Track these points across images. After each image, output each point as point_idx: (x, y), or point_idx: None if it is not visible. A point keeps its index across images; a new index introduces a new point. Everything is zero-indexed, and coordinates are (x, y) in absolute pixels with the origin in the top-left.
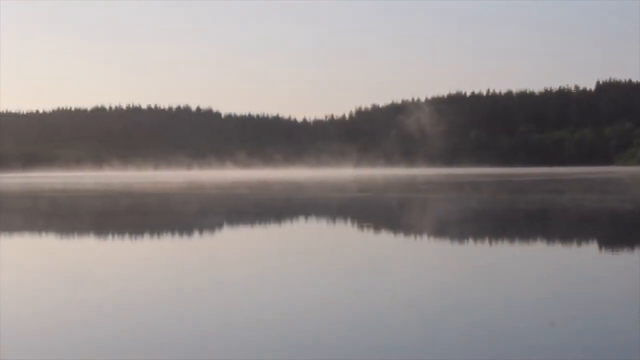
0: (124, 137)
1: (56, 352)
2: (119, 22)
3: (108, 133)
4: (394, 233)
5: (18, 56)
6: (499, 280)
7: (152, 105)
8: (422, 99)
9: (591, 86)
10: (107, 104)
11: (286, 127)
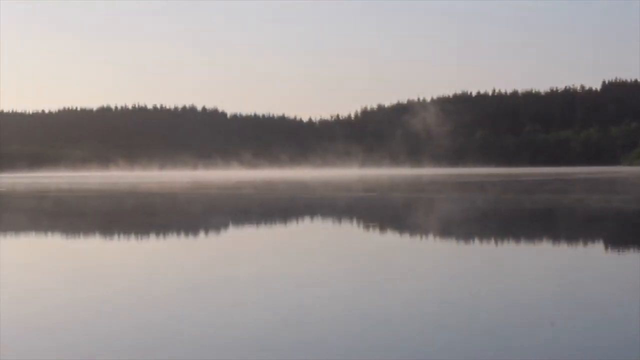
0: (130, 137)
1: (61, 352)
2: (125, 22)
3: (114, 133)
4: (399, 233)
5: (24, 56)
6: (501, 279)
7: (158, 105)
8: (428, 99)
9: (597, 86)
10: (113, 104)
11: (292, 127)
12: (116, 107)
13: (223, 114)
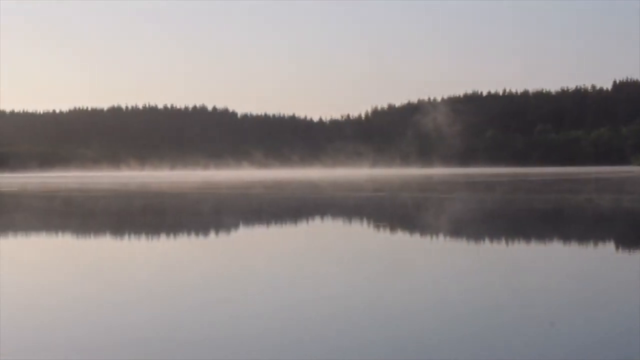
0: (141, 137)
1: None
2: (135, 22)
3: (124, 133)
4: (407, 232)
5: (35, 56)
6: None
7: (168, 105)
8: (438, 99)
9: (608, 85)
10: (124, 104)
11: (302, 127)
12: (127, 107)
13: (233, 114)
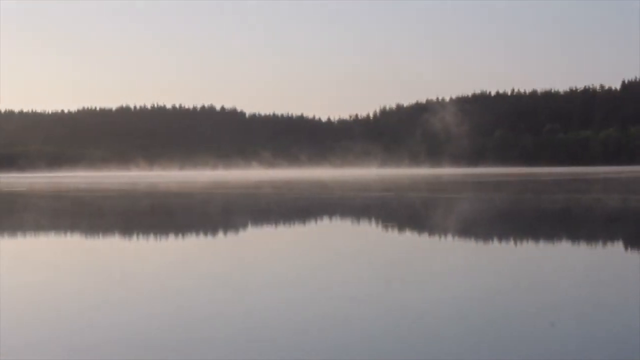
0: (149, 137)
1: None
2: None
3: (133, 133)
4: (414, 232)
5: (43, 56)
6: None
7: (177, 105)
8: (447, 99)
9: (616, 85)
10: (132, 104)
11: (311, 127)
12: (135, 107)
13: (242, 114)
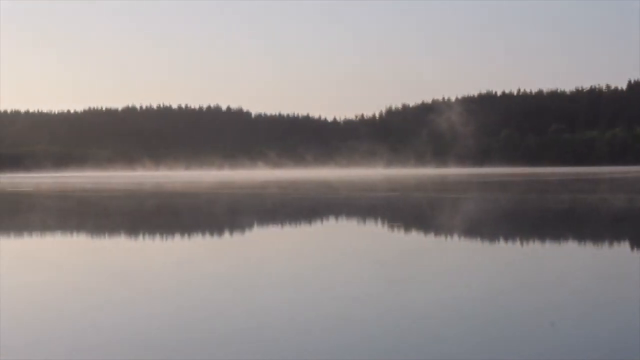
0: (155, 137)
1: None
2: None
3: (139, 133)
4: (419, 232)
5: (49, 56)
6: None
7: (183, 105)
8: (453, 99)
9: (623, 85)
10: (138, 104)
11: (316, 127)
12: (141, 107)
13: (247, 114)
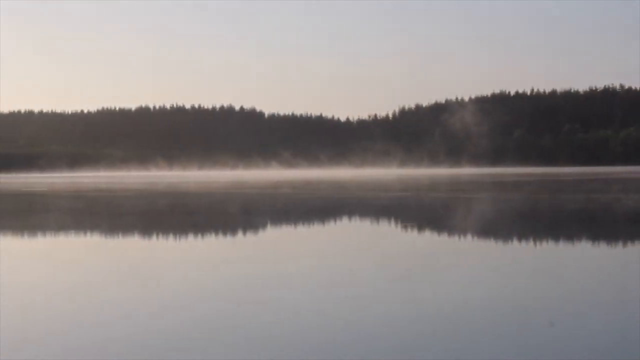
0: (169, 137)
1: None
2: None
3: (152, 133)
4: (433, 233)
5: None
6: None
7: (196, 105)
8: (466, 99)
9: (637, 85)
10: (151, 104)
11: (330, 127)
12: (154, 107)
13: (261, 114)
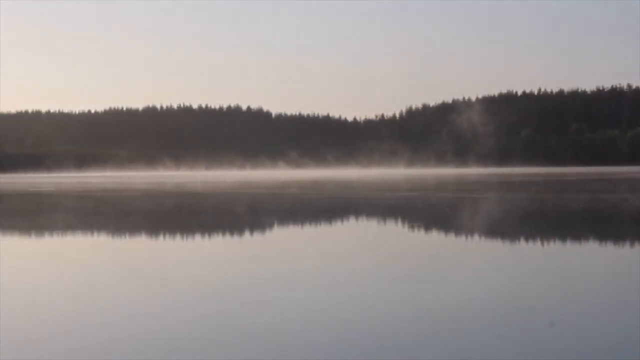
0: (176, 137)
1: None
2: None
3: (160, 133)
4: (440, 233)
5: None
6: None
7: (203, 105)
8: (473, 98)
9: None
10: (158, 104)
11: (337, 127)
12: (162, 107)
13: (268, 114)
